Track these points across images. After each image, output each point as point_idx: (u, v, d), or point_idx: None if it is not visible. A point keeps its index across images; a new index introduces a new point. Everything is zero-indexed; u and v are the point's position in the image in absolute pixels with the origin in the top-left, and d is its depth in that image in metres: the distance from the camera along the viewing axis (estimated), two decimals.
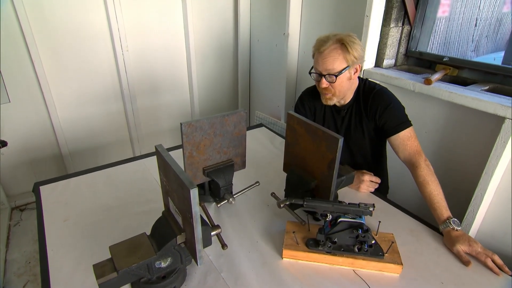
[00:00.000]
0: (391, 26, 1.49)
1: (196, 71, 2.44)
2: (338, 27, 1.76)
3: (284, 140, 1.63)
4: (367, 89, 1.20)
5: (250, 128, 1.79)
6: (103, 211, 1.11)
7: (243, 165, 1.17)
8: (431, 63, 1.55)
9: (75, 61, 1.97)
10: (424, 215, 1.10)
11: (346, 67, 1.10)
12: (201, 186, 1.14)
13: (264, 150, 1.55)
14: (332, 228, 0.81)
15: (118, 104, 2.22)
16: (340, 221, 0.80)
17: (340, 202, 1.13)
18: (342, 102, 1.23)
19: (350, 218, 0.80)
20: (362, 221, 0.79)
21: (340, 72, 1.10)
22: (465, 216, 1.14)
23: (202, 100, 2.59)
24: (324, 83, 1.12)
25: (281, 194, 1.12)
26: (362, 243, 0.79)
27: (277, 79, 2.31)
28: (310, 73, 1.18)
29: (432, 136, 1.43)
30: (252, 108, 2.75)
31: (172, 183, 0.77)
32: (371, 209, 0.79)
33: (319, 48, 1.11)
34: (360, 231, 0.78)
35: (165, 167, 0.78)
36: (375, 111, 1.16)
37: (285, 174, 1.12)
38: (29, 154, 2.02)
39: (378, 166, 1.34)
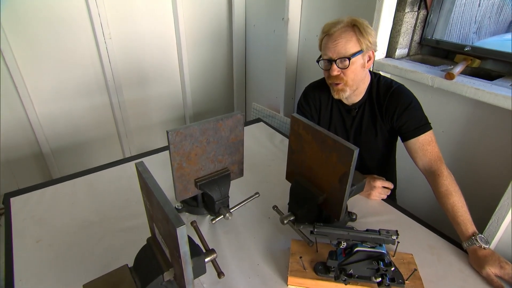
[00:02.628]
0: (406, 10, 1.32)
1: (187, 59, 2.26)
2: (345, 12, 1.59)
3: (284, 138, 1.51)
4: (383, 86, 1.06)
5: (247, 123, 1.65)
6: (82, 228, 0.97)
7: (240, 173, 1.04)
8: (448, 53, 1.40)
9: (52, 51, 1.77)
10: (435, 223, 0.99)
11: (360, 51, 0.97)
12: (193, 198, 1.01)
13: (263, 150, 1.42)
14: (347, 258, 0.69)
15: (103, 97, 2.04)
16: (357, 251, 0.68)
17: (350, 213, 1.03)
18: (353, 99, 1.09)
19: (368, 247, 0.68)
20: (382, 251, 0.67)
21: (354, 55, 0.96)
22: (487, 227, 1.03)
23: (194, 90, 2.42)
24: (336, 69, 0.99)
25: (283, 204, 1.00)
26: (383, 276, 0.68)
27: (276, 68, 2.15)
28: (318, 61, 1.04)
29: (450, 136, 1.29)
30: (249, 100, 2.58)
31: (156, 211, 0.63)
32: (394, 237, 0.67)
33: (329, 30, 0.98)
34: (381, 264, 0.66)
35: (147, 191, 0.65)
36: (393, 112, 1.03)
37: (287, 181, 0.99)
38: (6, 154, 1.85)
39: (388, 170, 1.22)
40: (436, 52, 1.46)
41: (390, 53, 1.43)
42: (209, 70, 2.43)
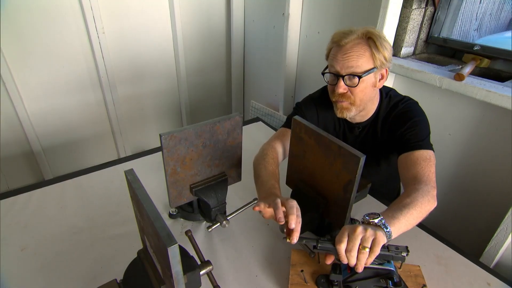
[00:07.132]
0: (413, 7, 1.26)
1: (183, 55, 2.19)
2: (348, 8, 1.52)
3: None
4: (393, 106, 0.96)
5: (245, 123, 1.60)
6: (71, 235, 0.92)
7: (238, 178, 0.99)
8: (455, 52, 1.34)
9: (42, 45, 1.70)
10: (442, 232, 0.95)
11: (373, 68, 0.87)
12: (189, 203, 0.96)
13: None
14: (353, 275, 0.64)
15: (96, 94, 1.97)
16: (364, 268, 0.63)
17: (353, 220, 0.98)
18: (358, 119, 1.00)
19: (376, 264, 0.63)
20: (391, 268, 0.63)
21: (365, 73, 0.86)
22: (495, 234, 0.99)
23: (191, 87, 2.35)
24: (342, 86, 0.88)
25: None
26: None
27: (275, 65, 2.09)
28: (323, 73, 0.94)
29: (457, 139, 1.24)
30: (247, 97, 2.52)
31: (146, 225, 0.58)
32: (404, 254, 0.63)
33: (340, 41, 0.86)
34: (390, 283, 0.61)
35: (137, 203, 0.59)
36: (397, 124, 0.93)
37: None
38: None
39: (392, 185, 1.17)
40: (442, 51, 1.40)
41: (395, 52, 1.37)
42: (206, 66, 2.36)
